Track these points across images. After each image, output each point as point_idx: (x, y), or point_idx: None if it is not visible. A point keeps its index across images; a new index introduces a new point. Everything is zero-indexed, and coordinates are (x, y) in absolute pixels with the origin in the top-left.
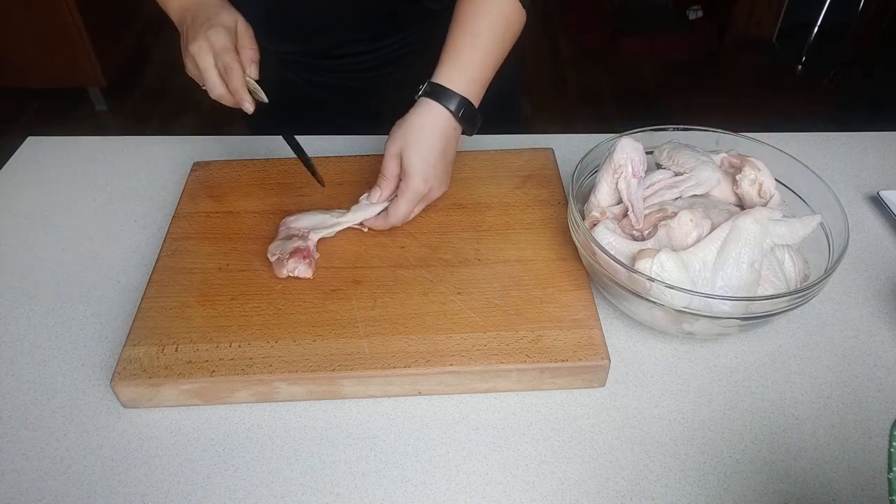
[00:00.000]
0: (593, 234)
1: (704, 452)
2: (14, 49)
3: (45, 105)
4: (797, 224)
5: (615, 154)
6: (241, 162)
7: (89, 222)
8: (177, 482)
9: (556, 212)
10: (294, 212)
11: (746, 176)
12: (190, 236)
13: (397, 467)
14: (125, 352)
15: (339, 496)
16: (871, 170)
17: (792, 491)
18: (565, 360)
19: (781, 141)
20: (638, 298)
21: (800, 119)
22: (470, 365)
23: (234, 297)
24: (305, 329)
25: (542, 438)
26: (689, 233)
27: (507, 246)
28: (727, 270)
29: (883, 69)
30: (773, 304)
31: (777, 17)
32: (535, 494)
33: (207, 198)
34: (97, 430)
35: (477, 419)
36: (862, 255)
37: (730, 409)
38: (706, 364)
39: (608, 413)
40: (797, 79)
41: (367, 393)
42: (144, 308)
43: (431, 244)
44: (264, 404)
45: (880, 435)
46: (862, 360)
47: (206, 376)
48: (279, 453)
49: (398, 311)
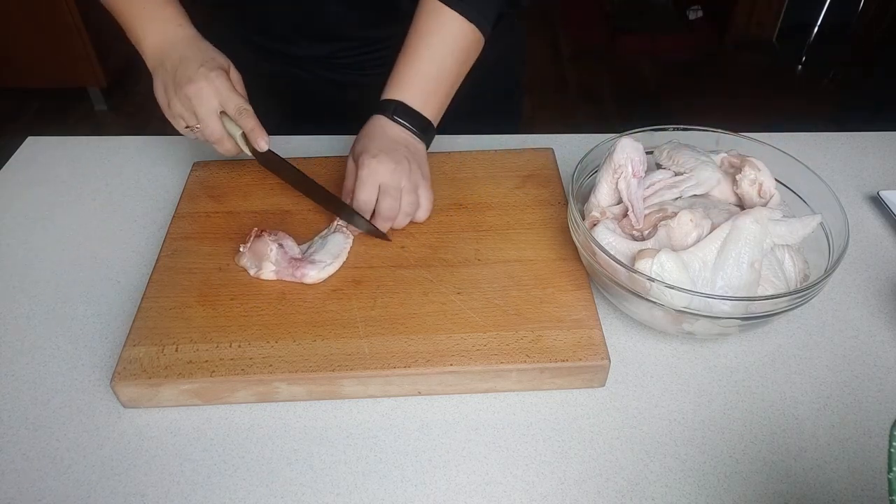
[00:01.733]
0: (593, 234)
1: (704, 452)
2: (14, 49)
3: (45, 105)
4: (797, 224)
5: (615, 154)
6: (241, 162)
7: (89, 222)
8: (177, 482)
9: (556, 212)
10: (293, 213)
11: (746, 176)
12: (190, 236)
13: (397, 467)
14: (125, 352)
15: (339, 496)
16: (871, 170)
17: (792, 491)
18: (565, 360)
19: (781, 141)
20: (638, 298)
21: (800, 119)
22: (470, 365)
23: (234, 297)
24: (305, 329)
25: (542, 438)
26: (689, 233)
27: (507, 246)
28: (727, 270)
29: (883, 69)
30: (773, 304)
31: (777, 17)
32: (535, 494)
33: (207, 198)
34: (97, 430)
35: (477, 419)
36: (862, 255)
37: (730, 409)
38: (706, 364)
39: (608, 413)
40: (797, 79)
41: (367, 393)
42: (144, 308)
43: (431, 244)
44: (264, 404)
45: (880, 435)
46: (862, 360)
47: (206, 376)
48: (279, 453)
49: (398, 311)
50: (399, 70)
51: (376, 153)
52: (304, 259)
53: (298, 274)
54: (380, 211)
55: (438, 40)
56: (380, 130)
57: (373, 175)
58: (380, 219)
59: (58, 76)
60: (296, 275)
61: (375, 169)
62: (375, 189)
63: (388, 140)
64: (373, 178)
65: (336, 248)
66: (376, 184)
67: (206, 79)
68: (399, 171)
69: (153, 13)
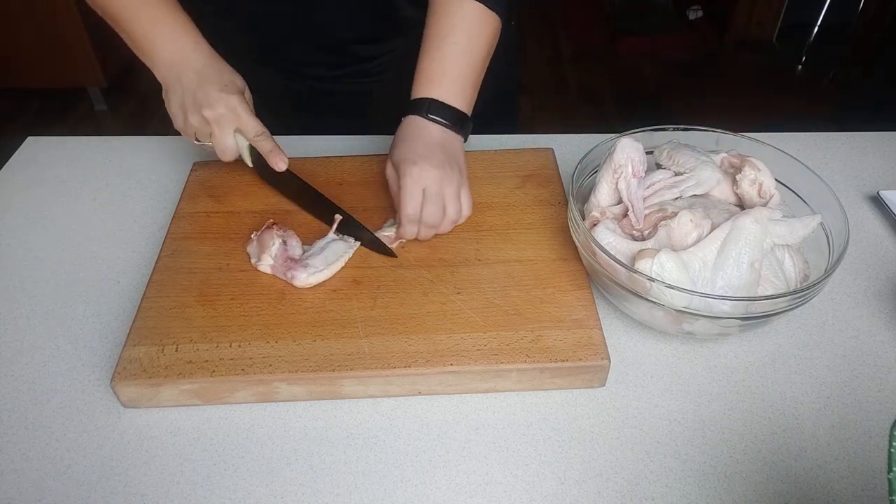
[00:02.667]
0: (593, 234)
1: (704, 452)
2: (14, 49)
3: (45, 105)
4: (797, 224)
5: (615, 154)
6: (241, 162)
7: (89, 222)
8: (177, 482)
9: (556, 212)
10: (293, 213)
11: (746, 176)
12: (190, 236)
13: (397, 467)
14: (125, 352)
15: (339, 496)
16: (871, 170)
17: (792, 491)
18: (565, 360)
19: (781, 141)
20: (638, 298)
21: (800, 119)
22: (470, 365)
23: (234, 297)
24: (305, 329)
25: (542, 438)
26: (689, 233)
27: (507, 246)
28: (727, 270)
29: (883, 69)
30: (773, 304)
31: (777, 17)
32: (535, 494)
33: (207, 198)
34: (97, 430)
35: (477, 419)
36: (862, 255)
37: (730, 409)
38: (706, 364)
39: (608, 413)
40: (797, 79)
41: (367, 393)
42: (144, 308)
43: (431, 244)
44: (264, 404)
45: (880, 435)
46: (862, 360)
47: (207, 376)
48: (279, 453)
49: (398, 311)
50: (426, 66)
51: (417, 160)
52: (299, 261)
53: (289, 275)
54: (424, 219)
55: (461, 31)
56: (416, 132)
57: (417, 183)
58: (424, 226)
59: (58, 76)
60: (287, 275)
61: (419, 177)
62: (420, 197)
63: (425, 143)
64: (417, 187)
65: (333, 255)
66: (420, 191)
67: (226, 104)
68: (443, 178)
69: (165, 26)
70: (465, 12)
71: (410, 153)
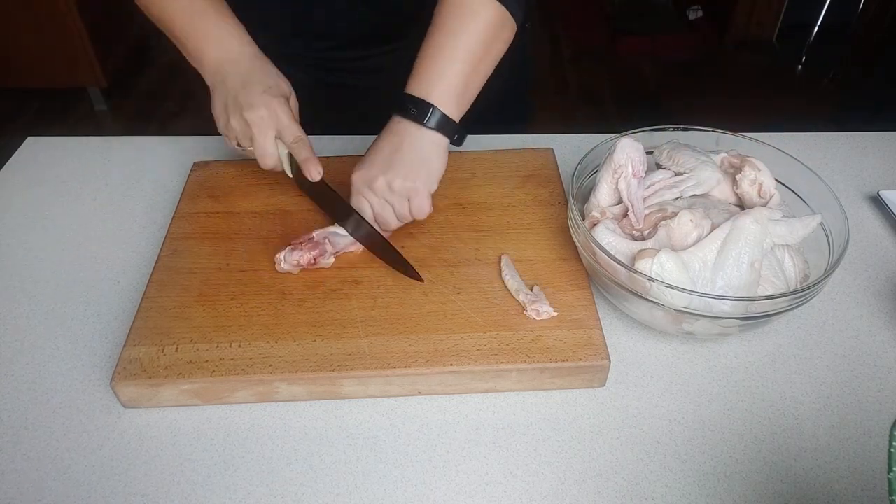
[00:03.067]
0: (593, 234)
1: (704, 452)
2: (14, 49)
3: (45, 105)
4: (797, 224)
5: (615, 154)
6: (241, 162)
7: (89, 222)
8: (177, 482)
9: (556, 212)
10: (293, 213)
11: (746, 176)
12: (190, 236)
13: (397, 467)
14: (125, 352)
15: (339, 496)
16: (871, 170)
17: (792, 491)
18: (565, 360)
19: (781, 141)
20: (638, 298)
21: (800, 119)
22: (470, 365)
23: (234, 297)
24: (305, 329)
25: (542, 438)
26: (689, 233)
27: (507, 246)
28: (727, 270)
29: (883, 69)
30: (773, 304)
31: (777, 17)
32: (535, 494)
33: (207, 198)
34: (97, 430)
35: (477, 419)
36: (862, 255)
37: (730, 409)
38: (706, 364)
39: (608, 413)
40: (797, 79)
41: (367, 393)
42: (144, 308)
43: (431, 244)
44: (264, 404)
45: (880, 435)
46: (862, 360)
47: (207, 376)
48: (279, 453)
49: (398, 311)
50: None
51: (369, 156)
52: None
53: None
54: (367, 212)
55: (472, 31)
56: (391, 128)
57: (362, 180)
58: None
59: (58, 76)
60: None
61: (366, 176)
62: (365, 196)
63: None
64: (363, 184)
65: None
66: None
67: (267, 107)
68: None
69: (213, 27)
70: (476, 7)
71: (373, 149)
